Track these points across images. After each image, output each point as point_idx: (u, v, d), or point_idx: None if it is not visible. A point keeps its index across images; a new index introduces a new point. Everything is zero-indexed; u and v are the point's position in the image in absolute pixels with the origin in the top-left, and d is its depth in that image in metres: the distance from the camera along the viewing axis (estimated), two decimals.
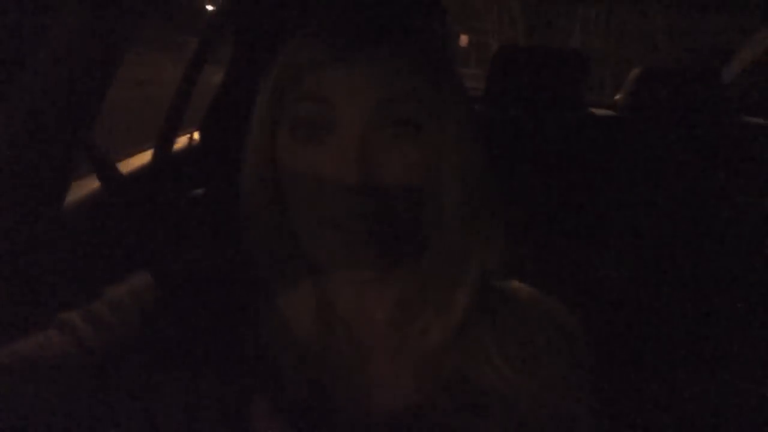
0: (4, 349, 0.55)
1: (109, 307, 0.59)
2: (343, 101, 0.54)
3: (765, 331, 1.77)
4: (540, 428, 0.59)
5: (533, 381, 0.60)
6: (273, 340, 0.60)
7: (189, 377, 0.56)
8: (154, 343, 0.58)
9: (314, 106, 0.55)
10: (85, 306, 0.60)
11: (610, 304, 1.78)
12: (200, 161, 1.65)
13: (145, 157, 1.53)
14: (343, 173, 0.53)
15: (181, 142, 1.75)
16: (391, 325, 0.61)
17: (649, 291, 1.88)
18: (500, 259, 0.62)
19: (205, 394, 0.56)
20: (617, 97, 2.43)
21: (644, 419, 1.51)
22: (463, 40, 14.23)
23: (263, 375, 0.58)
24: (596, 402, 0.63)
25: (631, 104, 2.18)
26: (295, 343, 0.60)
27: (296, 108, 0.56)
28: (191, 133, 1.80)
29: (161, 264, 0.65)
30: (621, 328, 1.70)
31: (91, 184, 1.02)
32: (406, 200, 0.55)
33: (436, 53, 0.59)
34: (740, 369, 1.68)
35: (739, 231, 1.99)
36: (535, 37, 12.17)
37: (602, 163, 2.01)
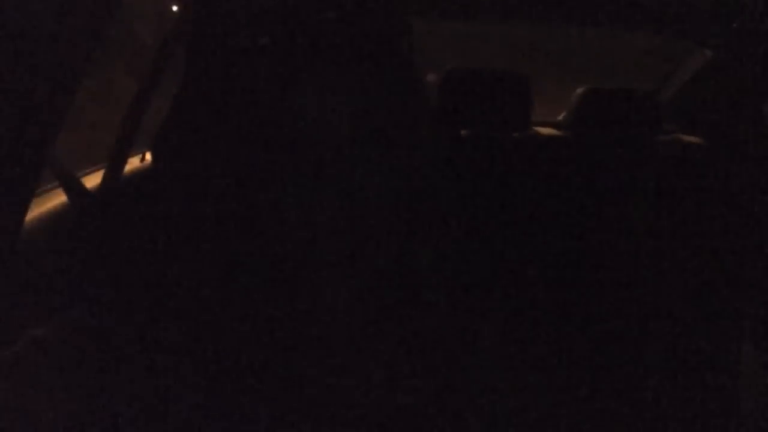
0: None
1: None
2: (319, 115, 0.55)
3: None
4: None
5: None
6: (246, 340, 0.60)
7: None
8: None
9: (290, 120, 0.56)
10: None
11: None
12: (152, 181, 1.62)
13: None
14: (322, 185, 0.54)
15: (133, 163, 1.72)
16: (359, 311, 0.62)
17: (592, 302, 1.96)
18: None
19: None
20: (560, 117, 2.51)
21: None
22: None
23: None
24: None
25: (574, 123, 2.25)
26: (269, 340, 0.60)
27: (271, 123, 0.57)
28: (143, 154, 1.77)
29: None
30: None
31: (54, 199, 1.00)
32: (382, 206, 0.56)
33: (402, 65, 0.61)
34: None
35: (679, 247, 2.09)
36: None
37: (547, 182, 2.07)
